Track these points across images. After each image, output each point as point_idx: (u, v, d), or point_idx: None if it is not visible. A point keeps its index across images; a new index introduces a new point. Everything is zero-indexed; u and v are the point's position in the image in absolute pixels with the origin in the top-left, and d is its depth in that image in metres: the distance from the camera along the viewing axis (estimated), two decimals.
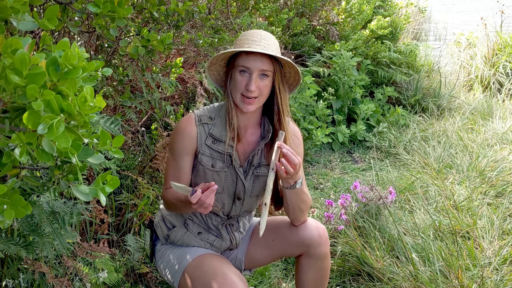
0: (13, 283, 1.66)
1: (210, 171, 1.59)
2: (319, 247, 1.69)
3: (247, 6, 3.44)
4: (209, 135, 1.58)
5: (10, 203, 0.74)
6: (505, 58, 5.78)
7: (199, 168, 1.60)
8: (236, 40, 1.57)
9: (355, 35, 4.71)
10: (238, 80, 1.49)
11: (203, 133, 1.58)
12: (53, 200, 1.71)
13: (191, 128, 1.58)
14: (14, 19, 0.77)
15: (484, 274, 2.10)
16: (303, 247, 1.69)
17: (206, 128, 1.59)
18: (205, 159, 1.59)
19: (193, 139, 1.58)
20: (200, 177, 1.61)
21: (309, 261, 1.71)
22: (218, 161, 1.59)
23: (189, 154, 1.59)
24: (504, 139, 3.92)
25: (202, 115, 1.60)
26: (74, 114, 0.70)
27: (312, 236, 1.68)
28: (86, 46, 2.37)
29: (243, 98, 1.50)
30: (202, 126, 1.59)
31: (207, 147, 1.58)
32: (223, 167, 1.60)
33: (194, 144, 1.59)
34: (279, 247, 1.74)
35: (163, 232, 1.74)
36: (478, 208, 2.81)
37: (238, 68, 1.49)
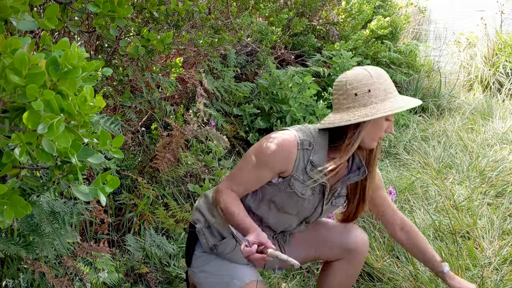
0: (13, 283, 1.65)
1: (296, 197, 1.56)
2: (359, 255, 1.73)
3: (247, 6, 3.44)
4: (309, 162, 1.53)
5: (10, 203, 0.74)
6: (505, 58, 5.78)
7: (285, 190, 1.56)
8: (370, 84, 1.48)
9: (355, 35, 4.71)
10: (383, 126, 1.50)
11: (302, 159, 1.53)
12: (53, 200, 1.71)
13: (293, 150, 1.52)
14: (14, 19, 0.77)
15: (484, 274, 2.10)
16: (345, 252, 1.72)
17: (306, 154, 1.53)
18: (298, 185, 1.54)
19: (290, 162, 1.52)
20: (282, 198, 1.57)
21: (345, 266, 1.74)
22: (308, 189, 1.56)
23: (275, 171, 1.54)
24: (504, 139, 3.91)
25: (304, 140, 1.53)
26: (74, 114, 0.70)
27: (357, 243, 1.72)
28: (86, 46, 2.37)
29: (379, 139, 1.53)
30: (302, 151, 1.53)
31: (303, 173, 1.54)
32: (310, 195, 1.57)
33: (289, 167, 1.53)
34: (322, 250, 1.76)
35: (208, 241, 1.65)
36: (478, 208, 2.81)
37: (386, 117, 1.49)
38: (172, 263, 2.29)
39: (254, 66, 4.01)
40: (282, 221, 1.64)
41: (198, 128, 2.77)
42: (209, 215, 1.67)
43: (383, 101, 1.46)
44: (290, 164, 1.52)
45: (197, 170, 2.84)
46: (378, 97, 1.46)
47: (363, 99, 1.46)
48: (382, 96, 1.47)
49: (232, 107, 3.58)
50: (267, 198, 1.60)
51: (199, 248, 1.68)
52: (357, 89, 1.48)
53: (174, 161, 2.63)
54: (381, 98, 1.46)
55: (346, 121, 1.45)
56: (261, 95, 3.74)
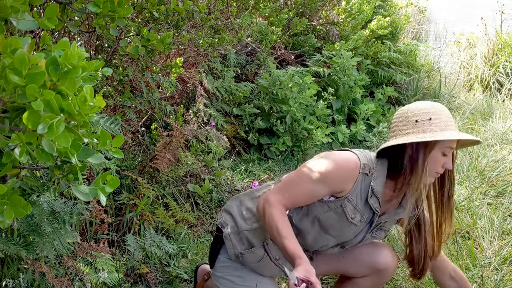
0: (13, 283, 1.65)
1: (345, 220, 1.55)
2: (388, 274, 1.72)
3: (247, 6, 3.44)
4: (370, 188, 1.52)
5: (10, 203, 0.74)
6: (505, 58, 5.78)
7: (335, 210, 1.54)
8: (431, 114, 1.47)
9: (355, 35, 4.71)
10: (439, 160, 1.46)
11: (361, 183, 1.52)
12: (53, 200, 1.71)
13: (355, 172, 1.50)
14: (14, 19, 0.77)
15: (484, 274, 2.10)
16: (373, 271, 1.71)
17: (365, 179, 1.52)
18: (350, 208, 1.53)
19: (349, 183, 1.51)
20: (329, 217, 1.55)
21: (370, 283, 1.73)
22: (358, 214, 1.54)
23: (331, 189, 1.52)
24: (504, 139, 3.91)
25: (365, 164, 1.52)
26: (74, 114, 0.70)
27: (387, 264, 1.70)
28: (86, 46, 2.37)
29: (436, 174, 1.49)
30: (362, 175, 1.51)
31: (357, 198, 1.53)
32: (358, 221, 1.56)
33: (346, 188, 1.51)
34: (347, 265, 1.75)
35: (235, 248, 1.62)
36: (478, 208, 2.81)
37: (443, 150, 1.45)
38: (172, 263, 2.29)
39: (254, 66, 4.01)
40: (320, 241, 1.62)
41: (198, 128, 2.77)
42: (241, 220, 1.65)
43: (443, 130, 1.44)
44: (349, 185, 1.50)
45: (197, 170, 2.84)
46: (438, 126, 1.45)
47: (423, 126, 1.45)
48: (443, 126, 1.45)
49: (232, 107, 3.58)
50: (313, 215, 1.57)
51: (224, 253, 1.66)
52: (418, 116, 1.47)
53: (174, 161, 2.63)
54: (441, 127, 1.44)
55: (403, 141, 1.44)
56: (261, 95, 3.74)
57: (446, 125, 1.45)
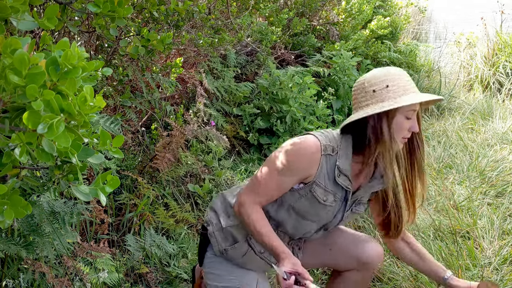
0: (13, 283, 1.66)
1: (317, 204, 1.54)
2: (374, 267, 1.70)
3: (247, 6, 3.44)
4: (336, 167, 1.50)
5: (10, 203, 0.74)
6: (505, 58, 5.78)
7: (306, 195, 1.54)
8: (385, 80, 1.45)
9: (355, 35, 4.71)
10: (403, 125, 1.44)
11: (325, 164, 1.50)
12: (53, 200, 1.71)
13: (316, 155, 1.48)
14: (14, 19, 0.77)
15: (484, 274, 2.10)
16: (359, 264, 1.70)
17: (330, 160, 1.50)
18: (319, 191, 1.52)
19: (313, 167, 1.49)
20: (302, 204, 1.55)
21: (356, 277, 1.72)
22: (330, 195, 1.53)
23: (299, 176, 1.51)
24: (504, 139, 3.91)
25: (327, 145, 1.50)
26: (74, 114, 0.70)
27: (372, 257, 1.69)
28: (86, 46, 2.37)
29: (404, 139, 1.47)
30: (326, 157, 1.50)
31: (325, 179, 1.51)
32: (331, 202, 1.55)
33: (312, 172, 1.50)
34: (334, 258, 1.75)
35: (219, 245, 1.64)
36: (478, 208, 2.81)
37: (405, 114, 1.43)
38: (172, 263, 2.29)
39: (254, 66, 4.01)
40: (300, 228, 1.62)
41: (198, 128, 2.77)
42: (225, 217, 1.65)
43: (401, 96, 1.42)
44: (313, 169, 1.49)
45: (197, 170, 2.84)
46: (396, 92, 1.43)
47: (381, 95, 1.43)
48: (401, 91, 1.43)
49: (232, 107, 3.58)
50: (287, 204, 1.57)
51: (211, 250, 1.68)
52: (375, 86, 1.45)
53: (174, 161, 2.63)
54: (399, 93, 1.42)
55: (363, 115, 1.42)
56: (261, 95, 3.74)
57: (405, 89, 1.43)
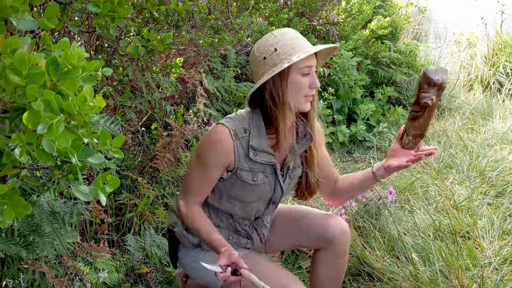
0: (13, 283, 1.66)
1: (249, 186, 1.54)
2: (340, 245, 1.68)
3: (247, 6, 3.44)
4: (250, 148, 1.50)
5: (10, 203, 0.74)
6: (505, 58, 5.78)
7: (236, 182, 1.54)
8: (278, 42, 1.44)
9: (355, 35, 4.71)
10: (301, 82, 1.43)
11: (241, 148, 1.50)
12: (53, 200, 1.71)
13: (227, 143, 1.48)
14: (14, 19, 0.77)
15: (484, 274, 2.10)
16: (324, 243, 1.69)
17: (243, 142, 1.50)
18: (245, 174, 1.52)
19: (229, 155, 1.49)
20: (237, 191, 1.56)
21: (327, 256, 1.70)
22: (259, 173, 1.53)
23: (220, 167, 1.52)
24: (504, 139, 3.91)
25: (236, 129, 1.50)
26: (74, 114, 0.70)
27: (334, 233, 1.67)
28: (86, 46, 2.37)
29: (307, 98, 1.46)
30: (239, 140, 1.49)
31: (246, 161, 1.51)
32: (263, 179, 1.55)
33: (230, 160, 1.50)
34: (301, 238, 1.74)
35: (192, 241, 1.66)
36: (478, 208, 2.81)
37: (300, 71, 1.42)
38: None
39: None
40: (249, 210, 1.63)
41: (198, 128, 2.77)
42: None
43: (291, 55, 1.41)
44: (230, 157, 1.50)
45: None
46: (285, 52, 1.42)
47: (272, 60, 1.42)
48: (289, 50, 1.42)
49: (232, 107, 3.58)
50: (225, 195, 1.59)
51: (183, 249, 1.70)
52: (264, 53, 1.45)
53: (174, 161, 2.63)
54: (288, 53, 1.42)
55: (258, 84, 1.43)
56: None
57: (293, 47, 1.42)
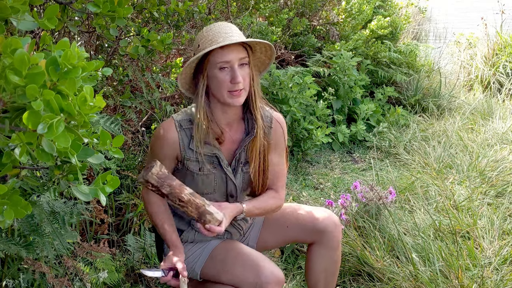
0: (13, 283, 1.66)
1: (197, 176, 1.57)
2: (332, 236, 1.69)
3: (247, 6, 3.44)
4: (192, 139, 1.54)
5: (10, 203, 0.74)
6: (505, 58, 5.78)
7: (186, 173, 1.58)
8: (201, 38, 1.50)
9: (355, 35, 4.71)
10: (220, 77, 1.45)
11: (185, 138, 1.55)
12: (53, 200, 1.71)
13: (172, 134, 1.54)
14: (14, 19, 0.77)
15: (484, 274, 2.10)
16: (317, 235, 1.69)
17: (188, 133, 1.55)
18: (192, 164, 1.56)
19: (174, 146, 1.54)
20: (189, 181, 1.58)
21: (320, 250, 1.71)
22: (205, 164, 1.56)
23: (170, 159, 1.57)
24: (504, 139, 3.91)
25: (182, 120, 1.55)
26: (74, 114, 0.70)
27: (326, 225, 1.68)
28: (86, 46, 2.37)
29: (231, 94, 1.46)
30: (183, 131, 1.55)
31: (191, 151, 1.55)
32: (211, 169, 1.57)
33: (176, 151, 1.55)
34: (293, 233, 1.75)
35: None
36: (478, 208, 2.81)
37: (216, 66, 1.44)
38: None
39: None
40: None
41: None
42: None
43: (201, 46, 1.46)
44: (175, 148, 1.54)
45: None
46: (202, 48, 1.46)
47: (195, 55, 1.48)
48: (207, 45, 1.45)
49: None
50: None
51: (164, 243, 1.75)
52: (194, 50, 1.51)
53: None
54: (203, 48, 1.46)
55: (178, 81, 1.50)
56: None
57: (211, 42, 1.45)
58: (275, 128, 1.64)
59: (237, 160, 1.61)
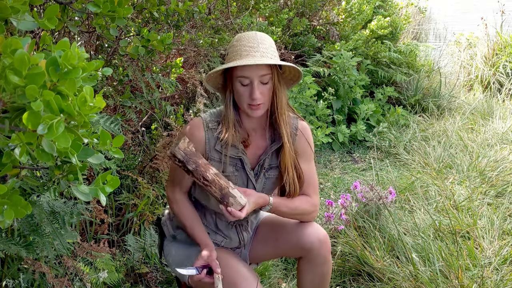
0: (13, 283, 1.66)
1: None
2: (318, 253, 1.67)
3: (247, 6, 3.44)
4: (218, 140, 1.56)
5: (10, 203, 0.74)
6: (505, 58, 5.78)
7: None
8: (231, 47, 1.51)
9: (355, 35, 4.71)
10: (240, 91, 1.47)
11: (212, 139, 1.56)
12: (53, 200, 1.71)
13: (199, 133, 1.56)
14: (14, 19, 0.77)
15: (484, 274, 2.10)
16: (303, 251, 1.68)
17: (215, 133, 1.56)
18: (216, 164, 1.57)
19: (201, 145, 1.56)
20: None
21: (308, 265, 1.70)
22: (229, 166, 1.57)
23: None
24: (504, 139, 3.91)
25: (210, 120, 1.58)
26: (74, 114, 0.70)
27: (312, 242, 1.66)
28: (86, 46, 2.38)
29: (251, 107, 1.48)
30: (210, 131, 1.56)
31: (216, 152, 1.56)
32: (233, 172, 1.59)
33: (203, 150, 1.56)
34: (282, 248, 1.74)
35: (169, 231, 1.74)
36: (478, 208, 2.81)
37: (238, 80, 1.46)
38: None
39: None
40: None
41: None
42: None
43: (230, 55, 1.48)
44: (201, 148, 1.56)
45: None
46: (229, 60, 1.48)
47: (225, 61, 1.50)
48: (232, 58, 1.47)
49: None
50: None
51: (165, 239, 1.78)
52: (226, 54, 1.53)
53: None
54: (229, 60, 1.48)
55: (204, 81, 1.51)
56: None
57: (235, 55, 1.46)
58: (300, 136, 1.65)
59: (261, 165, 1.62)
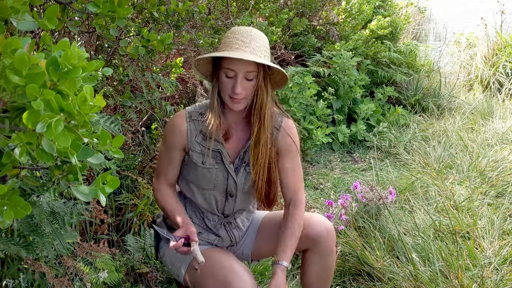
0: (13, 283, 1.66)
1: (200, 168, 1.60)
2: (324, 243, 1.68)
3: (247, 6, 3.44)
4: (199, 132, 1.58)
5: (10, 204, 0.74)
6: (505, 58, 5.78)
7: (190, 164, 1.61)
8: (224, 37, 1.52)
9: (355, 35, 4.71)
10: (224, 82, 1.48)
11: (194, 130, 1.58)
12: (53, 200, 1.71)
13: (181, 124, 1.58)
14: (14, 19, 0.77)
15: (484, 274, 2.10)
16: (309, 242, 1.68)
17: (197, 125, 1.58)
18: (196, 156, 1.59)
19: (183, 136, 1.58)
20: (190, 173, 1.62)
21: (314, 256, 1.70)
22: (209, 158, 1.58)
23: (179, 149, 1.61)
24: (504, 139, 3.91)
25: (193, 112, 1.60)
26: (74, 113, 0.70)
27: (318, 232, 1.67)
28: (86, 46, 2.37)
29: (232, 99, 1.50)
30: (192, 122, 1.59)
31: (197, 144, 1.58)
32: (213, 164, 1.59)
33: (184, 141, 1.59)
34: None
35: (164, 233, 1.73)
36: (478, 208, 2.81)
37: (223, 71, 1.47)
38: None
39: None
40: (208, 199, 1.65)
41: None
42: None
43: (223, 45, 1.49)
44: (183, 138, 1.58)
45: None
46: (219, 50, 1.50)
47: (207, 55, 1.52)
48: (222, 48, 1.49)
49: None
50: (185, 179, 1.66)
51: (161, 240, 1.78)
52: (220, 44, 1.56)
53: None
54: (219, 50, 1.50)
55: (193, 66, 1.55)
56: None
57: (225, 46, 1.48)
58: (283, 133, 1.64)
59: (241, 158, 1.62)
